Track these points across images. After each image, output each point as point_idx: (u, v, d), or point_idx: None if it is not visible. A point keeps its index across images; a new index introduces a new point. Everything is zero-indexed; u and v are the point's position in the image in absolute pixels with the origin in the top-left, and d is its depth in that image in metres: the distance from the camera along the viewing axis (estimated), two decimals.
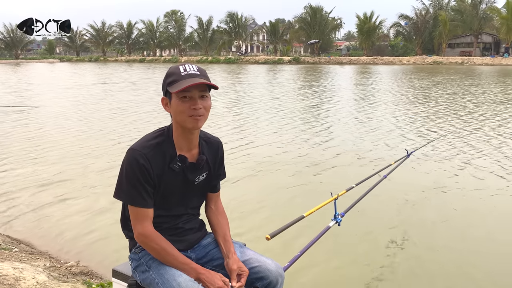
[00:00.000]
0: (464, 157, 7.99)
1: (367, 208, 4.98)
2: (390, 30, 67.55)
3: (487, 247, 4.45)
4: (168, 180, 1.75)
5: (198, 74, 1.67)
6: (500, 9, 53.75)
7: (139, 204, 1.70)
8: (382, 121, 12.24)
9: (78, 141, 9.66)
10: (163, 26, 79.18)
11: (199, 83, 1.64)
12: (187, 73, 1.66)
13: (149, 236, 1.71)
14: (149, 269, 1.75)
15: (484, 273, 4.00)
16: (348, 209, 3.03)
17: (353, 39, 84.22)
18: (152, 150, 1.70)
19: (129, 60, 71.25)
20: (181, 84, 1.63)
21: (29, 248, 4.48)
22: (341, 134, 10.39)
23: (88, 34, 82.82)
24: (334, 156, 8.24)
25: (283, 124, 11.88)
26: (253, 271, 1.80)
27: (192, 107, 1.66)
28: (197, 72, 1.68)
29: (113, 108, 15.29)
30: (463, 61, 49.03)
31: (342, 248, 4.41)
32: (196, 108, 1.66)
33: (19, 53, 79.62)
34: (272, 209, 5.55)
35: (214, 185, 1.96)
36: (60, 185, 6.52)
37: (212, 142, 1.91)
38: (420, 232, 4.85)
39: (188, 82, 1.63)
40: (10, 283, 3.06)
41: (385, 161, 7.20)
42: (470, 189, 6.26)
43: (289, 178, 6.86)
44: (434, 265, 4.10)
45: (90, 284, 3.45)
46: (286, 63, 56.57)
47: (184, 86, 1.61)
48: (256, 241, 3.98)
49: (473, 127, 11.10)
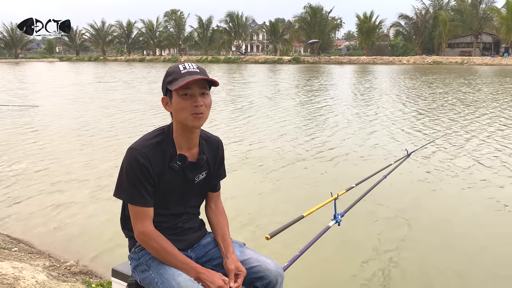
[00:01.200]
0: (465, 157, 7.99)
1: (367, 208, 4.98)
2: (390, 30, 67.65)
3: (489, 248, 4.45)
4: (168, 179, 1.75)
5: (197, 72, 1.68)
6: (500, 9, 53.77)
7: (139, 203, 1.70)
8: (382, 120, 12.24)
9: (76, 141, 9.66)
10: (162, 26, 79.23)
11: (199, 78, 1.64)
12: (186, 71, 1.67)
13: (149, 235, 1.71)
14: (149, 268, 1.75)
15: (485, 273, 3.99)
16: (348, 209, 3.02)
17: (353, 38, 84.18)
18: (152, 149, 1.70)
19: (129, 59, 71.21)
20: (181, 81, 1.64)
21: (29, 248, 4.48)
22: (341, 134, 10.38)
23: (87, 34, 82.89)
24: (334, 156, 8.24)
25: (282, 124, 11.88)
26: (253, 271, 1.79)
27: (193, 104, 1.66)
28: (196, 70, 1.69)
29: (104, 106, 15.29)
30: (463, 61, 49.04)
31: (342, 248, 4.41)
32: (197, 105, 1.66)
33: (19, 52, 79.58)
34: (272, 209, 5.55)
35: (214, 184, 1.96)
36: (60, 185, 6.52)
37: (212, 141, 1.90)
38: (420, 232, 4.85)
39: (188, 79, 1.64)
40: (9, 282, 3.06)
41: (385, 160, 7.20)
42: (471, 188, 6.26)
43: (289, 178, 6.86)
44: (434, 265, 4.10)
45: (90, 284, 3.44)
46: (286, 62, 56.55)
47: (185, 82, 1.62)
48: (256, 240, 3.99)
49: (474, 127, 11.10)
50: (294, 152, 8.54)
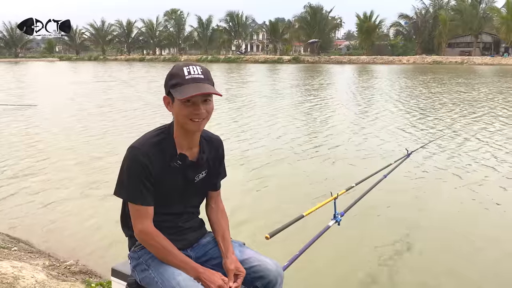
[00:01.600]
0: (466, 156, 7.99)
1: (367, 207, 4.97)
2: (390, 30, 67.71)
3: (491, 248, 4.44)
4: (168, 178, 1.75)
5: (202, 78, 1.66)
6: (500, 9, 53.86)
7: (139, 201, 1.70)
8: (382, 120, 12.24)
9: (75, 141, 9.65)
10: (162, 25, 79.34)
11: (203, 93, 1.62)
12: (191, 76, 1.64)
13: (149, 233, 1.71)
14: (149, 268, 1.75)
15: (485, 273, 3.99)
16: (348, 208, 3.02)
17: (353, 38, 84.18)
18: (153, 148, 1.70)
19: (129, 59, 71.23)
20: (184, 91, 1.62)
21: (28, 247, 4.47)
22: (340, 134, 10.38)
23: (87, 33, 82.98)
24: (333, 155, 8.23)
25: (282, 123, 11.88)
26: (253, 270, 1.79)
27: (194, 112, 1.65)
28: (201, 76, 1.66)
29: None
30: (463, 60, 49.05)
31: (342, 247, 4.40)
32: (198, 113, 1.65)
33: (19, 51, 79.57)
34: (272, 208, 5.54)
35: (214, 183, 1.95)
36: (59, 184, 6.52)
37: (212, 141, 1.90)
38: (420, 231, 4.85)
39: (192, 88, 1.61)
40: (9, 281, 3.06)
41: (385, 160, 7.19)
42: (471, 188, 6.25)
43: (289, 177, 6.86)
44: (435, 264, 4.09)
45: (89, 283, 3.44)
46: (286, 62, 56.56)
47: (188, 96, 1.60)
48: (256, 240, 3.98)
49: (474, 126, 11.10)
50: (294, 152, 8.53)
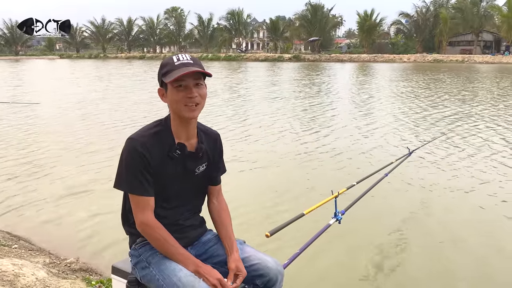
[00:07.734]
0: (467, 155, 7.97)
1: (368, 206, 4.96)
2: (390, 28, 67.55)
3: (492, 248, 4.44)
4: (168, 169, 1.75)
5: (191, 63, 1.69)
6: (501, 7, 53.71)
7: (140, 192, 1.70)
8: (383, 118, 12.22)
9: (75, 139, 9.65)
10: (163, 23, 79.20)
11: (193, 71, 1.65)
12: (180, 62, 1.68)
13: (150, 225, 1.71)
14: (149, 265, 1.75)
15: (485, 273, 3.99)
16: (349, 207, 3.02)
17: (353, 36, 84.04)
18: (151, 139, 1.72)
19: (129, 57, 71.16)
20: (175, 73, 1.65)
21: (29, 245, 4.47)
22: (341, 132, 10.37)
23: (88, 31, 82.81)
24: (334, 153, 8.22)
25: (283, 121, 11.86)
26: (253, 269, 1.79)
27: (187, 96, 1.67)
28: (190, 61, 1.70)
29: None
30: (464, 59, 48.97)
31: (342, 246, 4.40)
32: (191, 96, 1.68)
33: (19, 49, 79.50)
34: (272, 206, 5.54)
35: (214, 176, 1.96)
36: (59, 182, 6.52)
37: (210, 134, 1.92)
38: (421, 231, 4.84)
39: (182, 71, 1.65)
40: (9, 279, 3.06)
41: (387, 159, 7.18)
42: (472, 187, 6.24)
43: (289, 175, 6.85)
44: (435, 264, 4.09)
45: (90, 281, 3.44)
46: (286, 60, 56.49)
47: (178, 75, 1.63)
48: (256, 238, 3.97)
49: (476, 125, 11.08)
50: (294, 150, 8.52)
